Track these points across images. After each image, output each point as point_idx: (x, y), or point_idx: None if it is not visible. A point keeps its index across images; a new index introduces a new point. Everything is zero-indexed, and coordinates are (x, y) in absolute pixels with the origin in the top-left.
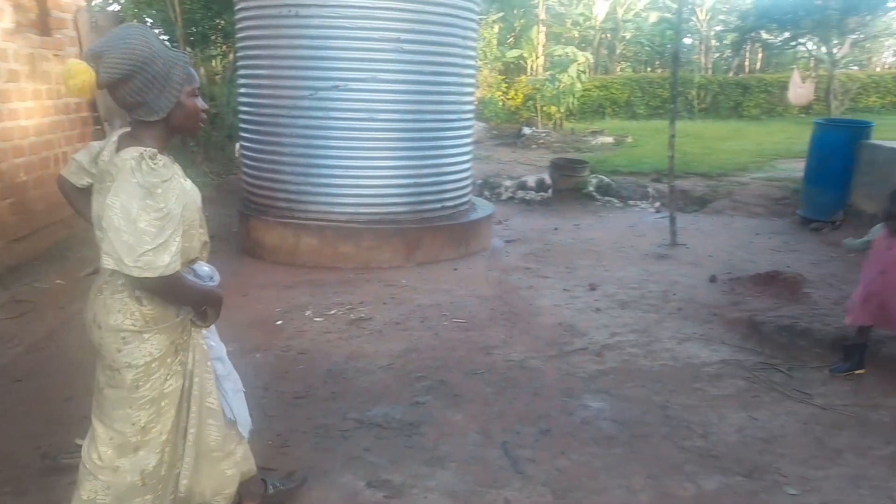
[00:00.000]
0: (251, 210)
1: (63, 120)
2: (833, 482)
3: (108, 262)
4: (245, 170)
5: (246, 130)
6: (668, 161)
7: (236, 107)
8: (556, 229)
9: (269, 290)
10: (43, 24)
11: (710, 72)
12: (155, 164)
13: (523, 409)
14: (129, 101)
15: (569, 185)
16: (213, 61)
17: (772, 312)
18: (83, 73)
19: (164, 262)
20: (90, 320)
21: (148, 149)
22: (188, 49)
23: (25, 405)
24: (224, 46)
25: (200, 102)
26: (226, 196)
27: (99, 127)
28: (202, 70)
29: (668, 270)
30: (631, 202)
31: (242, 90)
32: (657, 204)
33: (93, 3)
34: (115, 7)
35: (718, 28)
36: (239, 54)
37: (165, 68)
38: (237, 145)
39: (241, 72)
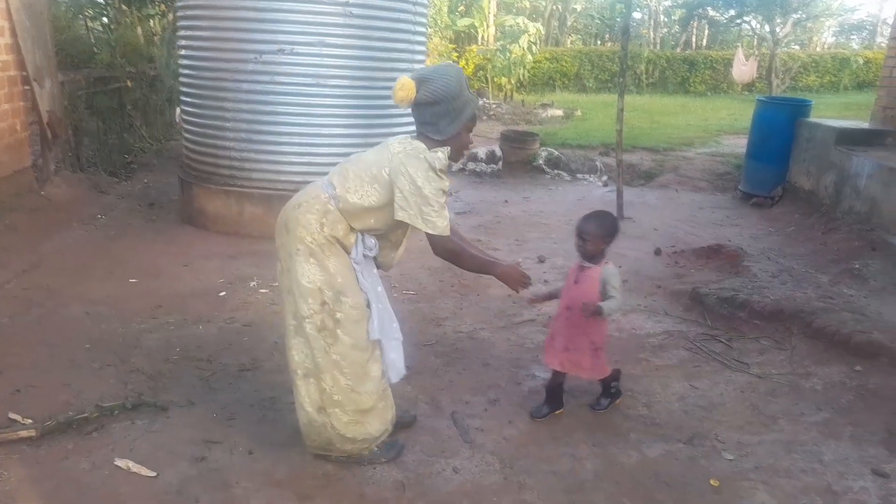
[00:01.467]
0: (192, 177)
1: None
2: (767, 447)
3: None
4: (186, 135)
5: (187, 94)
6: (617, 135)
7: (176, 69)
8: (506, 202)
9: (211, 260)
10: None
11: (658, 47)
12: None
13: (472, 379)
14: (426, 119)
15: (519, 158)
16: (151, 21)
17: (714, 285)
18: (410, 89)
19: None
20: None
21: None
22: (124, 7)
23: None
24: (162, 6)
25: (470, 138)
26: (165, 162)
27: (27, 86)
28: (139, 30)
29: (615, 244)
30: (580, 175)
31: (183, 52)
32: (605, 178)
33: None
34: None
35: (668, 3)
36: (179, 14)
37: (462, 106)
38: (177, 110)
39: (182, 33)
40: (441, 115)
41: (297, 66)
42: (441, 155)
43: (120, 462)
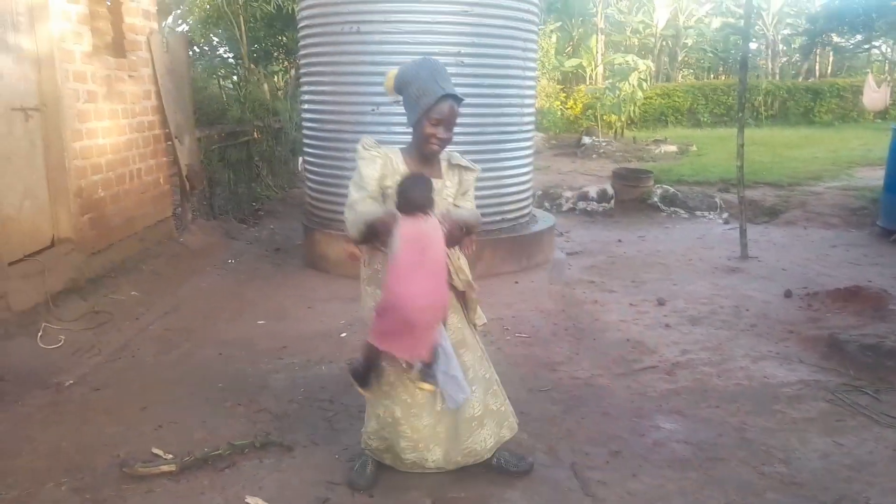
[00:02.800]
0: (315, 223)
1: (137, 138)
2: None
3: None
4: (308, 184)
5: (309, 145)
6: (737, 170)
7: (299, 122)
8: (619, 241)
9: (333, 302)
10: (118, 47)
11: (777, 77)
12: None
13: (592, 428)
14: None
15: (632, 196)
16: (276, 77)
17: (854, 330)
18: (390, 78)
19: None
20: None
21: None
22: (252, 66)
23: (104, 414)
24: (286, 62)
25: (439, 131)
26: (289, 209)
27: (170, 143)
28: (265, 86)
29: (740, 284)
30: (698, 213)
31: (305, 105)
32: (725, 215)
33: (164, 25)
34: (185, 28)
35: (786, 32)
36: (302, 70)
37: (417, 93)
38: (300, 159)
39: (305, 88)
40: (405, 103)
41: None
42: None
43: (250, 500)
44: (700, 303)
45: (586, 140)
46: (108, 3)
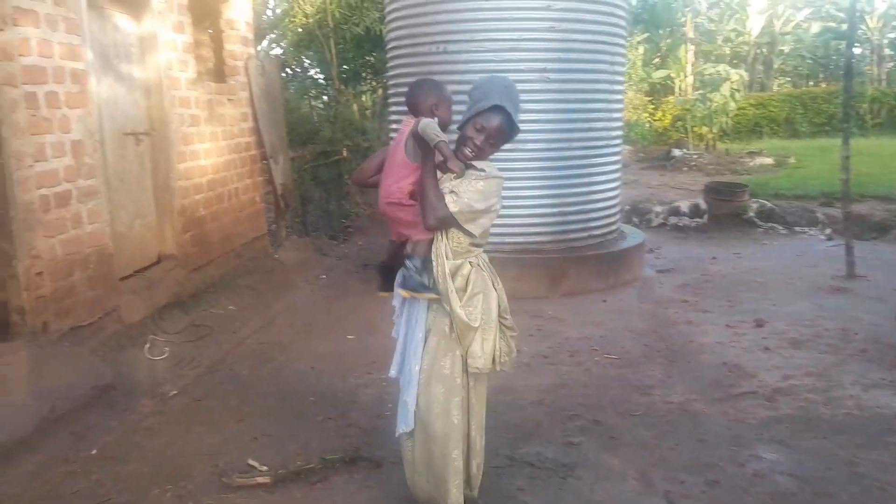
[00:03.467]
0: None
1: (235, 159)
2: None
3: None
4: None
5: None
6: (842, 183)
7: (387, 140)
8: (714, 258)
9: None
10: (219, 72)
11: (884, 83)
12: None
13: (687, 456)
14: None
15: (726, 211)
16: (364, 97)
17: None
18: None
19: None
20: None
21: None
22: (341, 86)
23: (203, 424)
24: (374, 82)
25: (478, 138)
26: (377, 226)
27: (265, 162)
28: (354, 106)
29: (847, 306)
30: (797, 229)
31: (393, 125)
32: (828, 230)
33: (259, 49)
34: (278, 51)
35: (893, 35)
36: (390, 91)
37: (476, 98)
38: None
39: (392, 107)
40: (467, 107)
41: None
42: None
43: None
44: (803, 325)
45: (676, 153)
46: (210, 32)
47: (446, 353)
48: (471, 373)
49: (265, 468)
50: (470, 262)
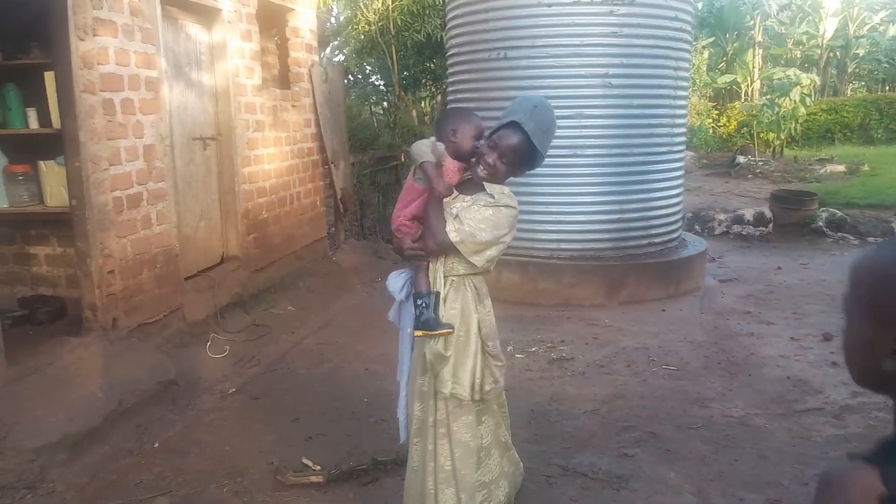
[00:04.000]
0: None
1: (297, 163)
2: None
3: None
4: None
5: None
6: None
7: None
8: (779, 269)
9: None
10: (283, 79)
11: None
12: None
13: (747, 472)
14: None
15: (793, 220)
16: (423, 103)
17: None
18: None
19: None
20: None
21: None
22: (401, 93)
23: (260, 422)
24: (433, 88)
25: (490, 155)
26: None
27: (326, 167)
28: (413, 112)
29: None
30: (870, 240)
31: None
32: None
33: (322, 56)
34: (341, 58)
35: None
36: (449, 97)
37: (502, 116)
38: None
39: None
40: None
41: (556, 138)
42: None
43: None
44: None
45: (741, 159)
46: (276, 40)
47: (423, 371)
48: (448, 397)
49: (318, 467)
50: (452, 280)
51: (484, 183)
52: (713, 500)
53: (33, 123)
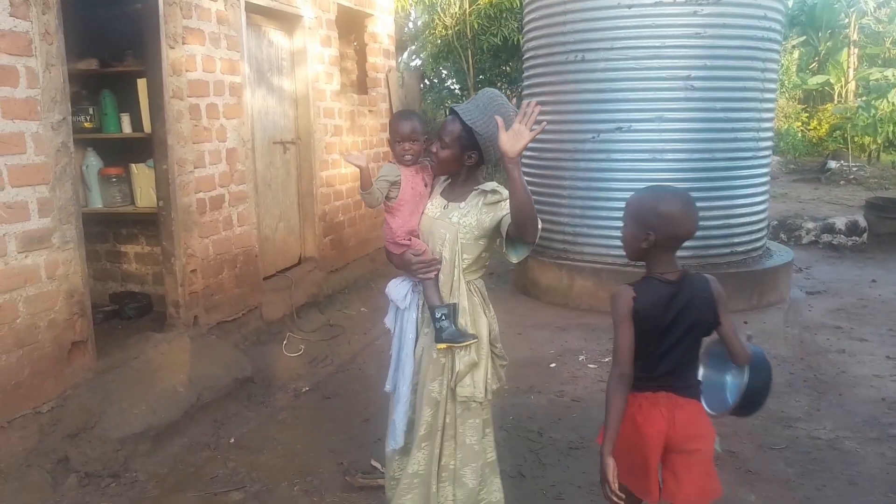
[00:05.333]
0: None
1: (373, 167)
2: None
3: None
4: None
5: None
6: None
7: None
8: (873, 281)
9: (542, 330)
10: (361, 84)
11: None
12: None
13: (835, 499)
14: None
15: (890, 229)
16: None
17: None
18: None
19: None
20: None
21: None
22: None
23: (331, 421)
24: (508, 92)
25: (432, 147)
26: None
27: None
28: None
29: None
30: None
31: None
32: None
33: (399, 61)
34: (417, 63)
35: None
36: (525, 101)
37: None
38: None
39: None
40: None
41: (634, 142)
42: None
43: None
44: None
45: (832, 164)
46: (355, 45)
47: (434, 377)
48: (459, 401)
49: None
50: (468, 286)
51: (474, 187)
52: None
53: (126, 128)
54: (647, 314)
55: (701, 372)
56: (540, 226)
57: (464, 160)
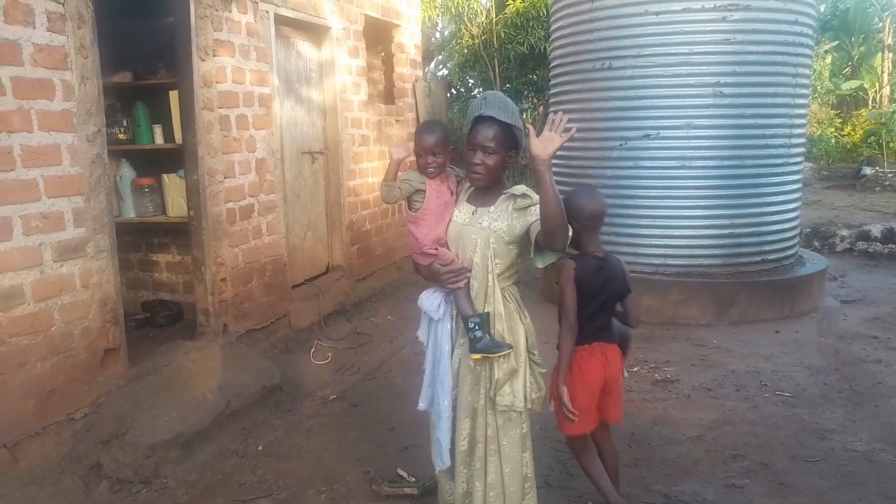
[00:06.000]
0: None
1: (400, 176)
2: None
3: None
4: None
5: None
6: None
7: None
8: None
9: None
10: (388, 95)
11: None
12: None
13: None
14: None
15: None
16: (525, 114)
17: None
18: None
19: None
20: None
21: None
22: None
23: (358, 429)
24: (535, 100)
25: (474, 157)
26: None
27: None
28: None
29: None
30: None
31: None
32: None
33: (426, 70)
34: (444, 72)
35: None
36: (551, 109)
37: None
38: None
39: None
40: None
41: (662, 149)
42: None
43: None
44: None
45: (867, 170)
46: (382, 55)
47: (472, 387)
48: (499, 412)
49: (413, 479)
50: (502, 293)
51: (503, 192)
52: None
53: (159, 139)
54: (584, 281)
55: None
56: (570, 233)
57: (507, 161)
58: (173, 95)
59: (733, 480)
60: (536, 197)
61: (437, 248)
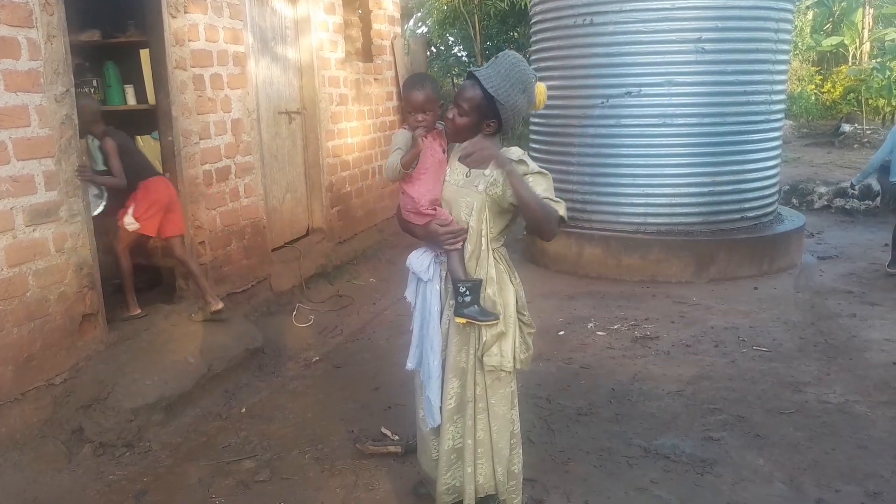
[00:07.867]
0: None
1: (379, 137)
2: None
3: None
4: None
5: (536, 140)
6: None
7: (527, 116)
8: (886, 245)
9: (551, 299)
10: (366, 52)
11: None
12: None
13: (844, 462)
14: None
15: None
16: None
17: None
18: (543, 92)
19: None
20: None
21: None
22: (484, 63)
23: (342, 390)
24: None
25: (448, 113)
26: None
27: None
28: None
29: None
30: None
31: None
32: None
33: (405, 28)
34: (424, 30)
35: None
36: (532, 66)
37: None
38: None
39: None
40: None
41: (643, 107)
42: None
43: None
44: None
45: (846, 128)
46: (360, 12)
47: (461, 347)
48: (487, 371)
49: (397, 437)
50: (494, 254)
51: (507, 151)
52: (806, 490)
53: (131, 100)
54: None
55: None
56: (563, 212)
57: (482, 128)
58: (144, 54)
59: (711, 433)
60: (533, 165)
61: (435, 209)
